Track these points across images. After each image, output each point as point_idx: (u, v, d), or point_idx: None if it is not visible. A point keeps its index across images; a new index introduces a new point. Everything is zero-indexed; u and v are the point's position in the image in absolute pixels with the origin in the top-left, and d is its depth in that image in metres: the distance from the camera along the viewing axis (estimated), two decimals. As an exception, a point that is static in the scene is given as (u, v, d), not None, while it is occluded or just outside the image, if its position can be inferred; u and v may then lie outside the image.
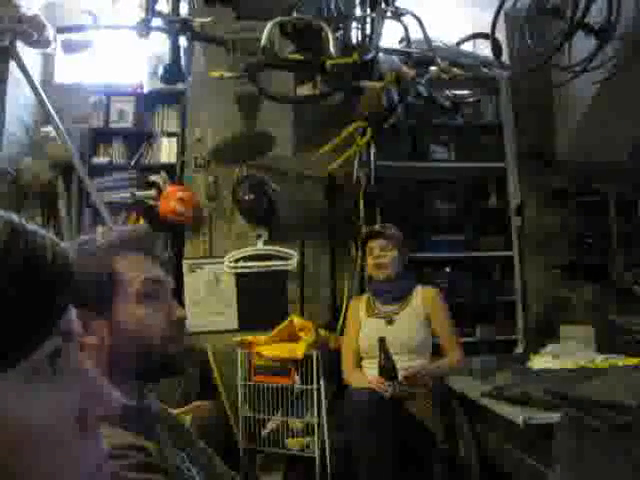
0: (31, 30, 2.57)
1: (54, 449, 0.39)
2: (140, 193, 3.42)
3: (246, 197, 3.27)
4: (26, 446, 0.37)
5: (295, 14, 2.46)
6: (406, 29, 2.91)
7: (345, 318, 2.78)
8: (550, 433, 1.63)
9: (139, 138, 3.62)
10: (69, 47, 2.93)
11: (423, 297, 2.58)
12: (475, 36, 3.29)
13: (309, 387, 2.74)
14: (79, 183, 3.30)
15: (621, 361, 2.10)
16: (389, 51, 2.97)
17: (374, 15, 2.72)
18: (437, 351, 2.57)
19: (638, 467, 1.45)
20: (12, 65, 2.66)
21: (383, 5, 2.76)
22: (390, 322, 2.55)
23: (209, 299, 3.37)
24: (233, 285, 3.38)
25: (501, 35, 3.29)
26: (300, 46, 2.56)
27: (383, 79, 2.77)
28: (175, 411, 1.48)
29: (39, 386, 0.38)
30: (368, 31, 2.73)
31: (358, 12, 2.81)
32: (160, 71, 2.90)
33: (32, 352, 0.37)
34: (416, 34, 2.97)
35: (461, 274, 3.58)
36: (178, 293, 3.19)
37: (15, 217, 0.39)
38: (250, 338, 2.94)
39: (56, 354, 0.39)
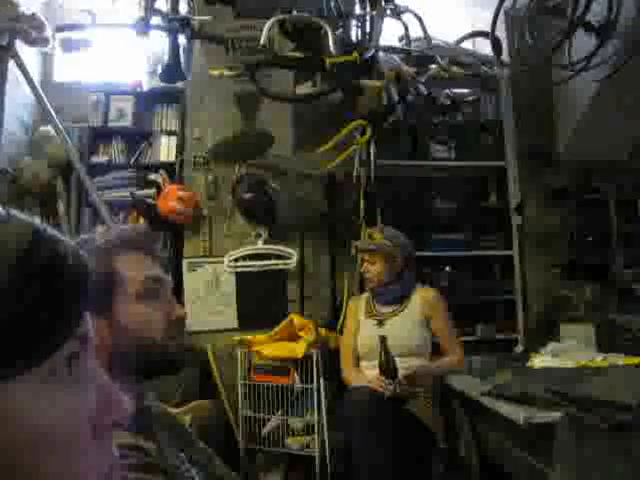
0: (30, 29, 2.56)
1: (68, 451, 0.39)
2: (140, 192, 3.41)
3: (246, 196, 3.26)
4: (41, 447, 0.37)
5: (295, 12, 2.45)
6: (406, 27, 2.90)
7: (345, 317, 2.78)
8: (550, 432, 1.63)
9: (138, 137, 3.62)
10: (68, 46, 2.92)
11: (422, 298, 2.57)
12: (475, 34, 3.29)
13: (309, 386, 2.74)
14: (78, 182, 3.29)
15: (621, 360, 2.10)
16: (389, 49, 2.97)
17: (374, 13, 2.72)
18: (438, 351, 2.57)
19: (638, 467, 1.45)
20: (11, 64, 2.65)
21: (383, 3, 2.76)
22: (381, 324, 2.54)
23: (209, 298, 3.37)
24: (233, 284, 3.38)
25: (501, 34, 3.29)
26: (300, 45, 2.56)
27: (383, 78, 2.76)
28: (175, 411, 1.48)
29: (55, 388, 0.38)
30: (368, 29, 2.72)
31: (358, 10, 2.80)
32: (159, 70, 2.91)
33: (51, 354, 0.38)
34: (416, 32, 2.97)
35: (461, 273, 3.58)
36: (178, 292, 3.19)
37: (37, 221, 0.40)
38: (250, 337, 2.94)
39: (73, 357, 0.40)
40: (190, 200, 3.32)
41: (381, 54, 2.85)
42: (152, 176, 3.46)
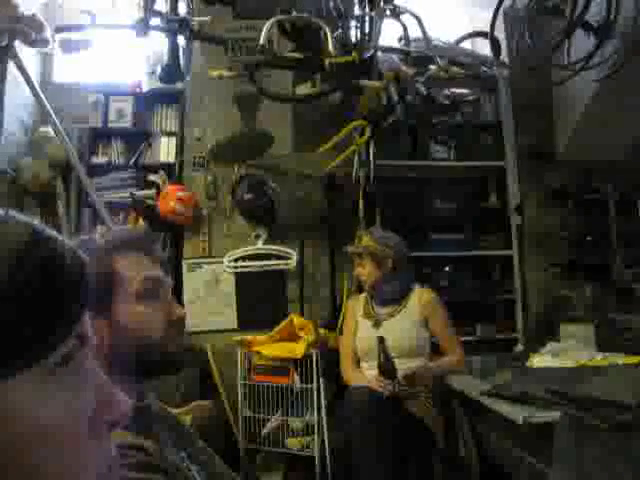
0: (29, 30, 2.56)
1: (67, 450, 0.39)
2: (139, 193, 3.41)
3: (245, 196, 3.27)
4: (39, 446, 0.37)
5: (294, 13, 2.46)
6: (405, 28, 2.91)
7: (344, 317, 2.78)
8: (550, 432, 1.63)
9: (138, 138, 3.62)
10: (68, 46, 2.92)
11: (420, 299, 2.56)
12: (474, 35, 3.29)
13: (309, 386, 2.74)
14: (78, 183, 3.29)
15: (621, 360, 2.10)
16: (388, 50, 2.97)
17: (373, 14, 2.72)
18: (438, 351, 2.56)
19: (638, 466, 1.45)
20: (10, 65, 2.65)
21: (382, 4, 2.76)
22: (377, 325, 2.54)
23: (208, 299, 3.37)
24: (232, 285, 3.38)
25: (500, 34, 3.29)
26: (299, 45, 2.56)
27: (382, 78, 2.77)
28: (175, 411, 1.48)
29: (54, 387, 0.39)
30: (367, 30, 2.73)
31: (357, 11, 2.81)
32: (159, 71, 2.91)
33: (49, 354, 0.38)
34: (415, 33, 2.97)
35: (461, 273, 3.58)
36: (177, 293, 3.19)
37: (36, 221, 0.40)
38: (250, 338, 2.94)
39: (72, 357, 0.40)
40: (190, 200, 3.32)
41: (380, 54, 2.86)
42: (152, 177, 3.46)
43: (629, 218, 3.62)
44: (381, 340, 2.24)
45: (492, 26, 2.84)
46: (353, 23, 2.75)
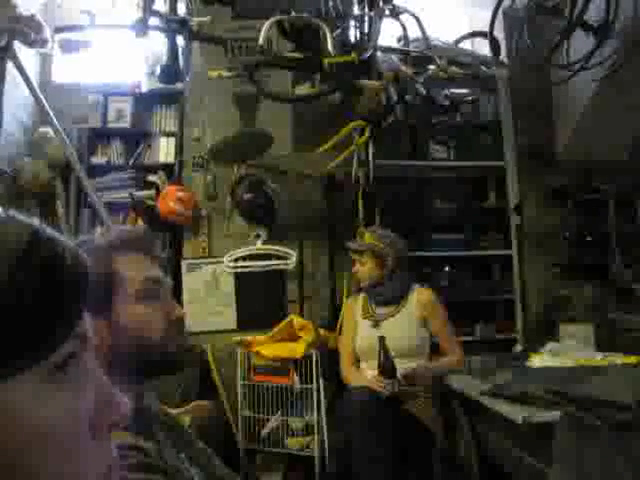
0: (29, 30, 2.56)
1: (67, 451, 0.39)
2: (139, 193, 3.41)
3: (245, 197, 3.26)
4: (39, 446, 0.37)
5: (293, 13, 2.45)
6: (404, 28, 2.91)
7: (342, 317, 2.78)
8: (550, 432, 1.63)
9: (137, 138, 3.62)
10: (67, 47, 2.92)
11: (419, 299, 2.56)
12: (473, 35, 3.29)
13: (308, 387, 2.74)
14: (77, 183, 3.29)
15: (620, 360, 2.11)
16: (388, 50, 2.97)
17: (372, 14, 2.72)
18: (438, 351, 2.56)
19: (638, 466, 1.45)
20: (10, 65, 2.64)
21: (381, 4, 2.76)
22: (376, 325, 2.54)
23: (208, 299, 3.37)
24: (232, 285, 3.38)
25: (500, 34, 3.29)
26: (298, 45, 2.56)
27: (382, 78, 2.76)
28: (175, 411, 1.48)
29: (54, 387, 0.39)
30: (366, 30, 2.73)
31: (356, 11, 2.81)
32: (158, 71, 2.90)
33: (49, 354, 0.38)
34: (415, 33, 2.97)
35: (461, 273, 3.58)
36: (177, 293, 3.19)
37: (36, 221, 0.40)
38: (249, 338, 2.94)
39: (72, 357, 0.40)
40: (189, 201, 3.32)
41: (380, 54, 2.85)
42: (151, 177, 3.46)
43: (629, 218, 3.62)
44: (382, 339, 2.24)
45: (491, 26, 2.84)
46: (352, 23, 2.75)
